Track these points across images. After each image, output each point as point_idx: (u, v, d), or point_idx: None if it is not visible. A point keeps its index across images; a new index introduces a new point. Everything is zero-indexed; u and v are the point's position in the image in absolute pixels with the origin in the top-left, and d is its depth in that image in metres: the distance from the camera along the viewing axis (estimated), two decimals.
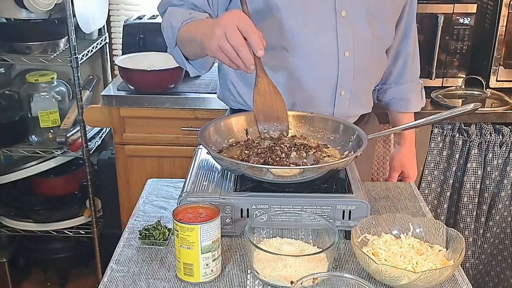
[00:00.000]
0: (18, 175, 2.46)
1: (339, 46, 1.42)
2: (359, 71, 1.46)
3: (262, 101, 1.28)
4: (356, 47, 1.43)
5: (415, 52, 1.66)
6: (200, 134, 1.28)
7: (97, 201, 2.54)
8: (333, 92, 1.46)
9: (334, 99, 1.47)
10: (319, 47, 1.41)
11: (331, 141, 1.36)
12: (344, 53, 1.42)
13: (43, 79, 2.40)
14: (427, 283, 1.01)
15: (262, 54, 1.15)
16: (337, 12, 1.39)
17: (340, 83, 1.45)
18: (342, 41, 1.41)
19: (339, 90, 1.46)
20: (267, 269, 1.04)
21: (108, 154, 2.45)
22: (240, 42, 1.13)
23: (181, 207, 1.09)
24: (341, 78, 1.45)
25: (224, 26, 1.13)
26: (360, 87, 1.50)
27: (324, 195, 1.19)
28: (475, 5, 2.21)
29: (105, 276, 1.10)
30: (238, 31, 1.13)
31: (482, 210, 2.23)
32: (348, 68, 1.44)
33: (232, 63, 1.16)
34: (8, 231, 2.55)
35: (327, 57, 1.42)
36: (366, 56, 1.46)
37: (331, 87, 1.46)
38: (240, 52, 1.13)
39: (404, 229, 1.16)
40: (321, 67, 1.43)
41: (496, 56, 2.25)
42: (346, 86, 1.46)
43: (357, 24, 1.42)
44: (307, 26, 1.39)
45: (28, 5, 2.17)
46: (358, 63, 1.45)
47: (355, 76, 1.46)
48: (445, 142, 2.19)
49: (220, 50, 1.15)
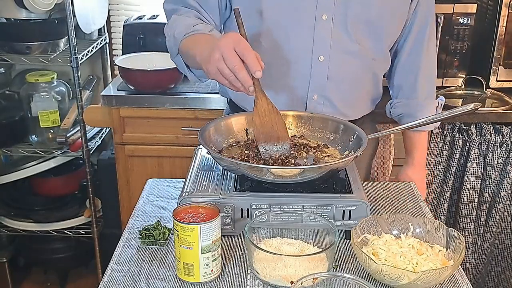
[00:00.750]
0: (18, 175, 2.46)
1: (314, 49, 1.40)
2: (334, 77, 1.43)
3: (262, 122, 1.26)
4: (334, 53, 1.40)
5: (430, 68, 1.59)
6: (200, 134, 1.28)
7: (97, 201, 2.54)
8: (304, 95, 1.45)
9: (305, 101, 1.45)
10: (293, 47, 1.40)
11: (331, 141, 1.36)
12: (319, 57, 1.41)
13: (43, 79, 2.40)
14: (427, 283, 1.01)
15: (260, 76, 1.15)
16: (317, 14, 1.37)
17: (312, 86, 1.44)
18: (318, 45, 1.40)
19: (311, 93, 1.45)
20: (267, 269, 1.04)
21: (108, 154, 2.45)
22: (237, 64, 1.13)
23: (181, 207, 1.09)
24: (313, 81, 1.43)
25: (221, 49, 1.14)
26: (337, 94, 1.46)
27: (324, 195, 1.19)
28: (475, 5, 2.21)
29: (105, 276, 1.10)
30: (235, 54, 1.13)
31: (482, 210, 2.23)
32: (321, 73, 1.42)
33: (232, 85, 1.17)
34: (8, 231, 2.55)
35: (300, 59, 1.41)
36: (345, 63, 1.43)
37: (303, 89, 1.44)
38: (238, 74, 1.13)
39: (404, 229, 1.16)
40: (294, 68, 1.42)
41: (496, 56, 2.25)
42: (319, 91, 1.44)
43: (338, 30, 1.39)
44: (287, 25, 1.38)
45: (28, 5, 2.17)
46: (333, 69, 1.42)
47: (329, 81, 1.43)
48: (445, 142, 2.19)
49: (219, 73, 1.16)
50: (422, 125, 1.44)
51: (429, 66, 1.58)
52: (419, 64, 1.56)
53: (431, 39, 1.55)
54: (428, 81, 1.59)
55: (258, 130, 1.27)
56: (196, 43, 1.29)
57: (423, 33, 1.52)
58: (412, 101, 1.58)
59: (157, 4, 2.63)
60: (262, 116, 1.26)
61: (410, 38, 1.52)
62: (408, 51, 1.54)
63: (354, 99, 1.52)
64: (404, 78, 1.58)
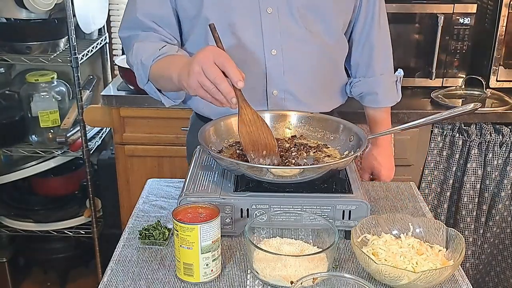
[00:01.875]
0: (18, 175, 2.46)
1: (264, 44, 1.39)
2: (291, 69, 1.42)
3: (249, 131, 1.24)
4: (285, 44, 1.39)
5: (384, 43, 1.58)
6: (200, 134, 1.28)
7: (97, 201, 2.54)
8: (263, 92, 1.44)
9: (266, 98, 1.44)
10: (245, 46, 1.39)
11: (331, 141, 1.36)
12: (271, 51, 1.40)
13: (43, 79, 2.40)
14: (427, 283, 1.01)
15: (242, 86, 1.14)
16: (261, 9, 1.37)
17: (270, 82, 1.42)
18: (268, 39, 1.39)
19: (270, 89, 1.43)
20: (267, 269, 1.04)
21: (108, 154, 2.45)
22: (218, 75, 1.11)
23: (181, 207, 1.09)
24: (269, 77, 1.42)
25: (200, 62, 1.12)
26: (296, 86, 1.44)
27: (324, 195, 1.19)
28: (475, 5, 2.22)
29: (105, 276, 1.10)
30: (215, 66, 1.12)
31: (482, 210, 2.23)
32: (276, 67, 1.41)
33: (214, 99, 1.15)
34: (8, 231, 2.55)
35: (252, 56, 1.40)
36: (299, 53, 1.41)
37: (261, 86, 1.43)
38: (219, 85, 1.12)
39: (404, 229, 1.16)
40: (249, 66, 1.39)
41: (496, 56, 2.25)
42: (277, 86, 1.43)
43: (286, 20, 1.38)
44: (233, 25, 1.37)
45: (28, 5, 2.17)
46: (288, 62, 1.41)
47: (286, 74, 1.42)
48: (445, 142, 2.19)
49: (200, 86, 1.14)
50: (422, 125, 1.43)
51: (383, 41, 1.58)
52: (373, 41, 1.55)
53: (382, 14, 1.54)
54: (383, 56, 1.59)
55: (245, 139, 1.24)
56: (169, 64, 1.27)
57: (372, 10, 1.52)
58: (370, 79, 1.58)
59: None
60: (248, 125, 1.24)
61: (361, 16, 1.52)
62: (360, 29, 1.54)
63: (317, 91, 1.49)
64: (359, 56, 1.58)
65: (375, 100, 1.61)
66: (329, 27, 1.44)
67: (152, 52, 1.32)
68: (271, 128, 1.38)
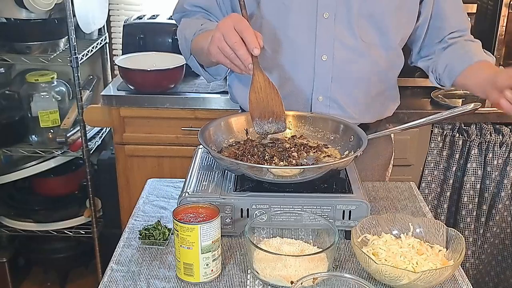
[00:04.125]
0: (18, 175, 2.46)
1: (316, 49, 1.38)
2: (339, 77, 1.41)
3: (257, 98, 1.28)
4: (338, 51, 1.38)
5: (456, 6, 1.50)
6: (200, 134, 1.28)
7: (97, 201, 2.54)
8: (309, 97, 1.43)
9: (310, 104, 1.44)
10: (296, 48, 1.39)
11: (331, 141, 1.36)
12: (322, 57, 1.39)
13: (43, 79, 2.40)
14: (427, 283, 1.01)
15: (258, 53, 1.18)
16: (318, 13, 1.36)
17: (316, 87, 1.42)
18: (321, 44, 1.38)
19: (316, 95, 1.43)
20: (267, 269, 1.04)
21: (108, 154, 2.45)
22: (237, 41, 1.17)
23: (181, 207, 1.09)
24: (317, 82, 1.41)
25: (221, 29, 1.18)
26: (343, 94, 1.43)
27: (324, 195, 1.19)
28: (475, 5, 2.21)
29: (105, 276, 1.10)
30: (235, 32, 1.17)
31: (482, 210, 2.23)
32: (325, 73, 1.40)
33: (233, 65, 1.20)
34: (8, 231, 2.55)
35: (302, 59, 1.40)
36: (350, 62, 1.40)
37: (307, 91, 1.43)
38: (238, 51, 1.17)
39: (404, 229, 1.16)
40: (297, 69, 1.41)
41: (496, 56, 2.25)
42: (323, 92, 1.43)
43: (341, 28, 1.37)
44: (287, 26, 1.37)
45: (28, 5, 2.17)
46: (338, 69, 1.40)
47: (334, 82, 1.41)
48: (445, 142, 2.19)
49: (220, 52, 1.19)
50: (422, 125, 1.43)
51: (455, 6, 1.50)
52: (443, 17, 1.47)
53: None
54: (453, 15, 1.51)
55: (253, 106, 1.29)
56: (204, 38, 1.31)
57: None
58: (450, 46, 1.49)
59: (157, 4, 2.63)
60: (257, 92, 1.28)
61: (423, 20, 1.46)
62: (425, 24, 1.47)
63: (363, 100, 1.47)
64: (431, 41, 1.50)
65: (470, 56, 1.44)
66: (386, 40, 1.41)
67: (195, 27, 1.38)
68: None
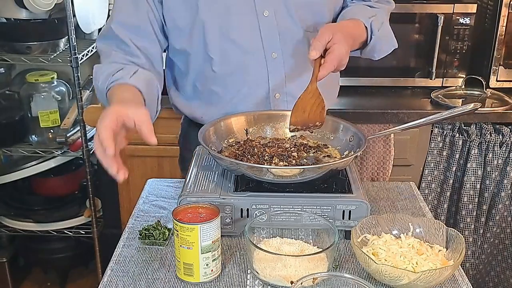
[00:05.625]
0: (18, 175, 2.46)
1: (264, 48, 1.38)
2: (292, 72, 1.41)
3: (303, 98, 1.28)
4: (285, 47, 1.39)
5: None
6: (200, 134, 1.28)
7: (97, 201, 2.54)
8: (266, 96, 1.43)
9: (269, 101, 1.44)
10: (244, 51, 1.38)
11: (331, 141, 1.36)
12: (272, 54, 1.39)
13: (43, 79, 2.40)
14: (427, 283, 1.01)
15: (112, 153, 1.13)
16: (258, 12, 1.36)
17: (272, 85, 1.42)
18: (267, 42, 1.38)
19: (273, 92, 1.43)
20: (267, 269, 1.04)
21: None
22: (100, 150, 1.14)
23: (181, 207, 1.09)
24: (271, 80, 1.42)
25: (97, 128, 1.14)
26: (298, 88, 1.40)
27: (324, 195, 1.19)
28: (475, 5, 2.22)
29: (105, 276, 1.10)
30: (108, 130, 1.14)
31: (482, 210, 2.23)
32: (278, 70, 1.41)
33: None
34: (8, 231, 2.55)
35: (254, 60, 1.39)
36: (299, 54, 1.40)
37: (264, 89, 1.43)
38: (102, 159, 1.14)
39: (404, 229, 1.16)
40: (250, 71, 1.40)
41: (496, 56, 2.25)
42: (280, 88, 1.43)
43: (283, 22, 1.37)
44: (231, 30, 1.36)
45: (28, 5, 2.17)
46: (289, 64, 1.41)
47: (287, 77, 1.42)
48: (445, 142, 2.19)
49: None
50: (422, 125, 1.43)
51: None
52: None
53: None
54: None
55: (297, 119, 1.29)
56: (111, 96, 1.25)
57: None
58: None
59: None
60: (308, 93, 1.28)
61: None
62: None
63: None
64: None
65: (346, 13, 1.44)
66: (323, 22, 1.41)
67: (106, 78, 1.30)
68: (271, 127, 1.40)
